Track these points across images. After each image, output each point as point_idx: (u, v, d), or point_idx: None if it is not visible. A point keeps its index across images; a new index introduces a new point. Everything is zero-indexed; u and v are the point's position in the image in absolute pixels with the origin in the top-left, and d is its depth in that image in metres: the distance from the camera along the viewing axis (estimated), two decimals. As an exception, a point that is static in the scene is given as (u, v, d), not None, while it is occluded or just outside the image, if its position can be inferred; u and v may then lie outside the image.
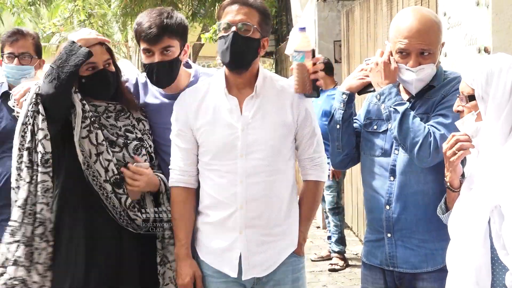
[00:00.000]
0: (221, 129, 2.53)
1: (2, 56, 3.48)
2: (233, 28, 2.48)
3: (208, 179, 2.57)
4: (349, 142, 2.65)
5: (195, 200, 2.64)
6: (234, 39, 2.48)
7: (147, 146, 2.76)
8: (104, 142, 2.61)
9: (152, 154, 2.78)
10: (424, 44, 2.42)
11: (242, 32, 2.49)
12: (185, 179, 2.61)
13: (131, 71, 6.72)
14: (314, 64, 2.56)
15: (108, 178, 2.60)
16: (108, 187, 2.60)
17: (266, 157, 2.52)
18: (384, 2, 5.91)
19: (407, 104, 2.45)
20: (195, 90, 2.64)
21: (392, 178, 2.51)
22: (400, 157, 2.50)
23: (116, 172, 2.62)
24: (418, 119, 2.41)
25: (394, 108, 2.43)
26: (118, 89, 2.76)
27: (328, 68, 6.49)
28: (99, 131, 2.62)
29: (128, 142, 2.69)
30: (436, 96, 2.47)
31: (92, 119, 2.61)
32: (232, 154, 2.51)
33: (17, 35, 3.46)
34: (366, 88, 2.61)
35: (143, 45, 2.67)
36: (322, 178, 2.70)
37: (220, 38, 2.52)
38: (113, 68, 2.72)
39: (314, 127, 2.65)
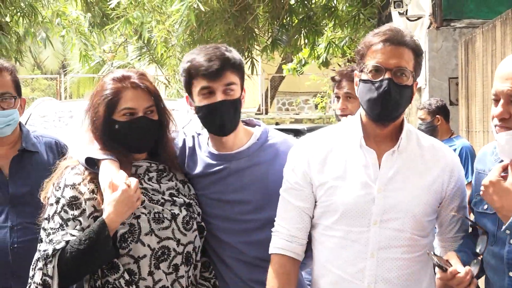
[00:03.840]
0: (353, 186, 2.54)
1: None
2: (387, 75, 2.52)
3: (326, 249, 2.59)
4: None
5: (298, 275, 2.67)
6: (388, 88, 2.52)
7: (196, 215, 2.78)
8: None
9: (202, 224, 2.80)
10: None
11: (398, 79, 2.53)
12: (293, 246, 2.63)
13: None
14: None
15: None
16: None
17: (406, 227, 2.53)
18: (514, 31, 5.85)
19: None
20: (321, 137, 2.69)
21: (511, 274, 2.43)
22: None
23: None
24: None
25: None
26: (161, 144, 2.80)
27: (444, 113, 6.44)
28: None
29: (176, 214, 2.70)
30: None
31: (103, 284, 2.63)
32: (364, 219, 2.52)
33: None
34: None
35: (200, 83, 2.72)
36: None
37: (365, 81, 2.57)
38: (155, 117, 2.74)
39: (465, 202, 2.66)
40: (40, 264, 2.57)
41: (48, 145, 3.41)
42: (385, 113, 2.55)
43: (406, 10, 9.13)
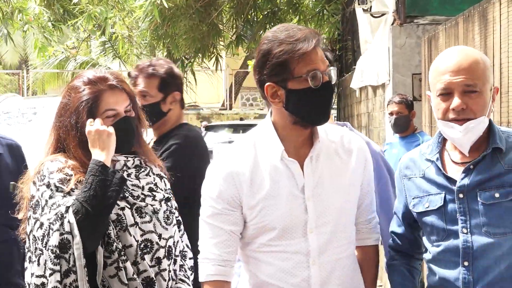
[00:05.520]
0: (285, 201, 2.52)
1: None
2: (326, 78, 2.49)
3: (265, 264, 2.56)
4: None
5: None
6: (332, 90, 2.53)
7: (174, 210, 2.85)
8: (135, 276, 2.64)
9: (179, 219, 2.87)
10: (469, 79, 2.47)
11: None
12: (226, 270, 2.58)
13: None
14: None
15: None
16: None
17: (340, 228, 2.57)
18: (476, 29, 5.94)
19: None
20: (240, 156, 2.60)
21: (466, 263, 2.48)
22: (475, 238, 2.49)
23: None
24: None
25: None
26: (138, 139, 2.86)
27: (409, 108, 6.52)
28: (128, 263, 2.64)
29: (157, 209, 2.75)
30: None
31: (119, 250, 2.63)
32: (300, 230, 2.52)
33: None
34: None
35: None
36: (379, 241, 2.80)
37: (302, 90, 2.47)
38: (133, 114, 2.80)
39: (372, 183, 2.74)
40: (55, 227, 2.55)
41: (9, 147, 3.37)
42: (327, 115, 2.56)
43: (370, 7, 9.19)
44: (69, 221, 2.55)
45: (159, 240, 2.71)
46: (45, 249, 2.57)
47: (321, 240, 2.53)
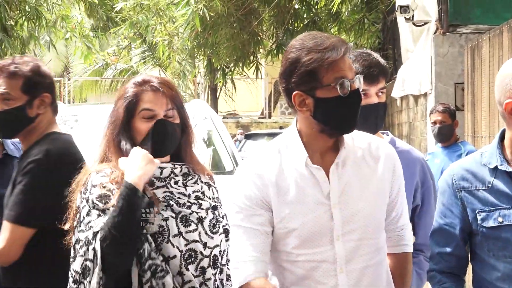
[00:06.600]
0: (310, 209, 2.51)
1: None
2: (354, 86, 2.48)
3: (291, 274, 2.54)
4: None
5: None
6: (358, 98, 2.50)
7: (221, 218, 2.82)
8: None
9: (227, 227, 2.82)
10: None
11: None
12: (265, 270, 2.51)
13: (208, 112, 6.90)
14: None
15: None
16: None
17: (367, 235, 2.54)
18: (521, 38, 5.89)
19: None
20: (266, 159, 2.60)
21: None
22: None
23: None
24: None
25: None
26: (185, 147, 2.84)
27: (452, 117, 6.49)
28: (168, 277, 2.64)
29: (203, 217, 2.75)
30: None
31: (153, 268, 2.63)
32: (327, 237, 2.50)
33: None
34: None
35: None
36: (412, 248, 2.75)
37: (332, 99, 2.47)
38: (177, 120, 2.78)
39: (403, 190, 2.68)
40: (81, 252, 2.61)
41: None
42: (355, 123, 2.52)
43: (413, 16, 9.16)
44: (94, 249, 2.59)
45: (204, 249, 2.71)
46: (70, 273, 2.65)
47: (348, 248, 2.51)
